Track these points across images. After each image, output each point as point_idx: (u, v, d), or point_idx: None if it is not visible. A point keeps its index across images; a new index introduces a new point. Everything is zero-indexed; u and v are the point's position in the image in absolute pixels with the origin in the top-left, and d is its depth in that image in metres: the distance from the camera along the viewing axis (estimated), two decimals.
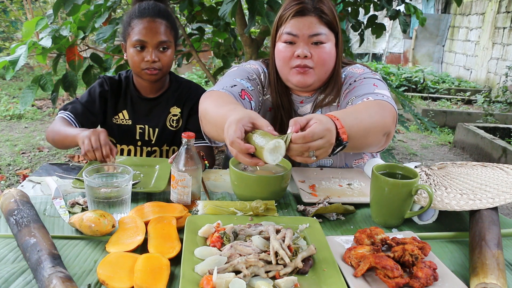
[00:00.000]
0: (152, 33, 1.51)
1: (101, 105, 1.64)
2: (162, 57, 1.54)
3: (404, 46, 10.12)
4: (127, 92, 1.68)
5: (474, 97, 7.08)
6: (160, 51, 1.54)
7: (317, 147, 0.91)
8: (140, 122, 1.66)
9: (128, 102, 1.67)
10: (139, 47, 1.52)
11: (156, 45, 1.52)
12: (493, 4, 7.71)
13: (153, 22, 1.52)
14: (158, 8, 1.56)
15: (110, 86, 1.66)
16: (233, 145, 0.92)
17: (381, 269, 0.82)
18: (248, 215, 1.03)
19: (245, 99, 1.32)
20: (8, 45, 7.17)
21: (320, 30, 1.31)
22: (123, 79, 1.70)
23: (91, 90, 1.66)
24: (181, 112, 1.68)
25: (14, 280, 0.79)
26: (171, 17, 1.59)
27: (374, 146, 1.20)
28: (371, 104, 1.20)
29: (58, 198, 1.12)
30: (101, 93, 1.64)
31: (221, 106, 1.16)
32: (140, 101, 1.67)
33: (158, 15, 1.54)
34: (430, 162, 4.35)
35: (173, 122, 1.67)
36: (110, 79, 1.68)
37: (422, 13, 3.21)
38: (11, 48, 2.12)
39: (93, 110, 1.61)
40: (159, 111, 1.67)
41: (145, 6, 1.56)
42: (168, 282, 0.79)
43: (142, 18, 1.53)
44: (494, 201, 1.04)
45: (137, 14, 1.54)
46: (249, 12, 1.94)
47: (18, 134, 4.62)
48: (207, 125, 1.23)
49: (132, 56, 1.54)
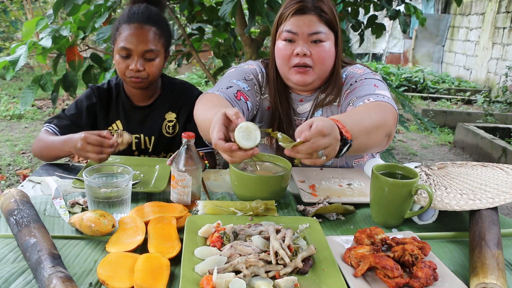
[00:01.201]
0: (138, 41, 1.42)
1: (89, 118, 1.56)
2: (148, 67, 1.45)
3: (404, 46, 10.13)
4: (119, 100, 1.60)
5: (474, 97, 7.08)
6: (146, 59, 1.45)
7: (324, 145, 0.90)
8: (135, 131, 1.58)
9: (121, 111, 1.60)
10: (124, 55, 1.44)
11: (141, 53, 1.43)
12: (493, 4, 7.71)
13: (140, 28, 1.43)
14: (148, 13, 1.46)
15: (99, 98, 1.58)
16: (216, 147, 0.92)
17: (381, 269, 0.82)
18: (248, 215, 1.03)
19: (240, 99, 1.33)
20: (8, 45, 7.18)
21: (320, 29, 1.32)
22: (113, 87, 1.61)
23: (77, 103, 1.58)
24: (177, 118, 1.61)
25: (14, 280, 0.79)
26: (162, 23, 1.50)
27: (376, 147, 1.21)
28: (372, 105, 1.21)
29: (58, 198, 1.12)
30: (89, 107, 1.56)
31: (208, 110, 1.17)
32: (133, 110, 1.60)
33: (148, 21, 1.45)
34: (430, 162, 4.35)
35: (169, 129, 1.61)
36: (98, 89, 1.60)
37: (422, 13, 3.21)
38: (11, 48, 2.12)
39: (79, 123, 1.53)
40: (154, 118, 1.60)
41: (135, 10, 1.46)
42: (168, 282, 0.79)
43: (129, 24, 1.44)
44: (494, 201, 1.04)
45: (125, 19, 1.46)
46: (249, 12, 1.94)
47: (18, 134, 4.62)
48: (198, 129, 1.26)
49: (117, 63, 1.47)
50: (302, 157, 0.92)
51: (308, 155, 0.91)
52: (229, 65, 2.93)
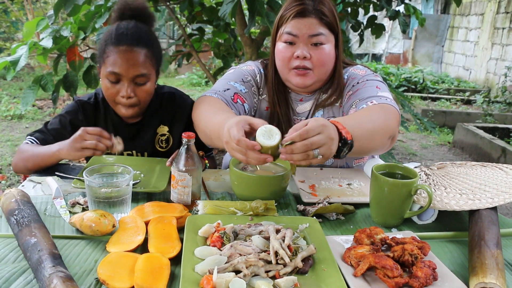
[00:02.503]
0: (128, 65, 1.31)
1: (73, 133, 1.32)
2: (139, 92, 1.35)
3: (403, 47, 10.13)
4: (107, 116, 1.49)
5: (473, 97, 7.08)
6: (137, 84, 1.35)
7: (317, 143, 0.91)
8: (127, 148, 1.44)
9: (110, 128, 1.48)
10: (113, 80, 1.33)
11: (132, 78, 1.33)
12: (492, 4, 7.72)
13: (130, 52, 1.31)
14: (138, 33, 1.34)
15: (84, 114, 1.47)
16: (239, 143, 0.94)
17: (380, 268, 0.82)
18: (248, 215, 1.03)
19: (237, 102, 1.35)
20: (9, 46, 7.17)
21: (320, 31, 1.32)
22: (101, 102, 1.49)
23: (61, 118, 1.46)
24: (170, 131, 1.52)
25: (15, 279, 0.79)
26: (153, 43, 1.39)
27: (380, 149, 1.22)
28: (375, 108, 1.22)
29: (59, 198, 1.12)
30: (73, 122, 1.45)
31: (214, 114, 1.19)
32: (122, 127, 1.49)
33: (138, 43, 1.33)
34: (429, 162, 4.35)
35: (162, 143, 1.52)
36: (85, 105, 1.48)
37: (421, 13, 3.22)
38: (12, 48, 2.12)
39: (61, 138, 1.36)
40: (145, 134, 1.51)
41: (123, 30, 1.33)
42: (168, 282, 0.79)
43: (118, 46, 1.32)
44: (493, 201, 1.04)
45: (113, 40, 1.33)
46: (249, 13, 1.94)
47: (19, 134, 4.62)
48: (200, 133, 1.27)
49: (106, 88, 1.36)
50: (298, 158, 0.93)
51: (303, 156, 0.92)
52: (229, 65, 2.94)
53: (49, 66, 4.06)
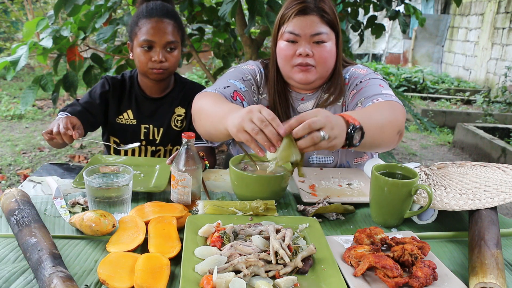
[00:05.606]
0: (160, 33, 1.52)
1: (102, 105, 1.64)
2: (169, 57, 1.56)
3: (403, 47, 10.13)
4: (132, 92, 1.69)
5: (473, 97, 7.08)
6: (167, 51, 1.55)
7: (317, 123, 0.91)
8: (144, 121, 1.67)
9: (133, 102, 1.68)
10: (146, 47, 1.53)
11: (163, 45, 1.53)
12: (492, 4, 7.72)
13: (161, 22, 1.53)
14: (166, 8, 1.57)
15: (112, 86, 1.67)
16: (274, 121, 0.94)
17: (380, 268, 0.82)
18: (248, 215, 1.04)
19: (236, 100, 1.35)
20: (9, 46, 7.17)
21: (322, 29, 1.33)
22: (127, 79, 1.70)
23: (91, 91, 1.66)
24: (186, 113, 1.69)
25: (15, 279, 0.79)
26: (178, 18, 1.60)
27: (389, 143, 1.22)
28: (383, 104, 1.24)
29: (59, 198, 1.13)
30: (102, 94, 1.64)
31: (221, 104, 1.20)
32: (145, 101, 1.68)
33: (166, 15, 1.55)
34: (429, 162, 4.35)
35: (178, 122, 1.69)
36: (113, 79, 1.68)
37: (421, 13, 3.22)
38: (12, 48, 2.12)
39: (92, 110, 1.61)
40: (164, 111, 1.68)
41: (153, 6, 1.56)
42: (168, 282, 0.79)
43: (150, 18, 1.54)
44: (493, 201, 1.04)
45: (144, 14, 1.55)
46: (249, 13, 1.95)
47: (19, 134, 4.62)
48: (204, 121, 1.25)
49: (139, 55, 1.55)
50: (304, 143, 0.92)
51: (309, 140, 0.91)
52: (229, 65, 2.94)
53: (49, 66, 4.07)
